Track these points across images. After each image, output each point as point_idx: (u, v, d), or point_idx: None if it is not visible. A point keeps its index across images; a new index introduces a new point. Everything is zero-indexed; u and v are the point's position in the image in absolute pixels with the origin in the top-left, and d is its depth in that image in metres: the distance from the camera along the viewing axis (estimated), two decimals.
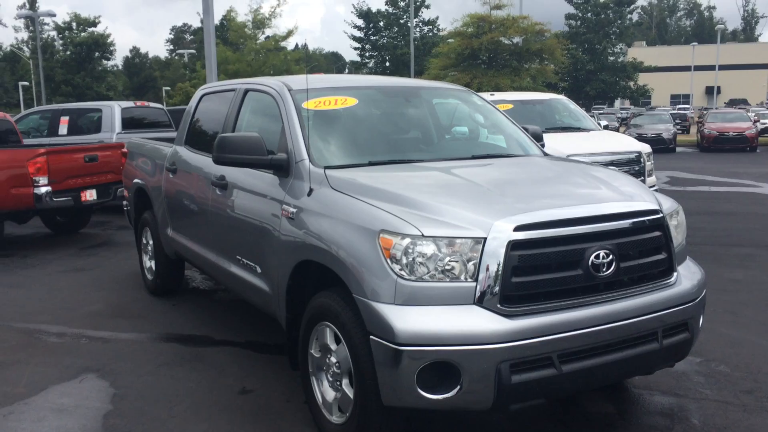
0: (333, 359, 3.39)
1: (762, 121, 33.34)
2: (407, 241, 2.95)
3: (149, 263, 6.49)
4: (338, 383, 3.38)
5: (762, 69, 75.59)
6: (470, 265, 2.94)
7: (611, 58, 51.07)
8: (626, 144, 9.05)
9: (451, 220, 3.04)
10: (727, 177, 16.59)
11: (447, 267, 2.94)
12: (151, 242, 6.34)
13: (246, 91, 4.89)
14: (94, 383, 4.39)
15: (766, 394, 4.05)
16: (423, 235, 2.95)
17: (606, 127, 12.33)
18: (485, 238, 2.95)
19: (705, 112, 36.53)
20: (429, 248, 2.94)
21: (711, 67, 61.11)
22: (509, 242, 2.94)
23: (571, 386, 3.19)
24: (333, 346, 3.38)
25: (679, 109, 52.73)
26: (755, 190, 14.04)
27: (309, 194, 3.67)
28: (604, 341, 3.09)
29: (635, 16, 64.98)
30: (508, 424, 3.78)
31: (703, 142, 27.23)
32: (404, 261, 2.95)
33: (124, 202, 7.18)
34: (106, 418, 3.88)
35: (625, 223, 3.26)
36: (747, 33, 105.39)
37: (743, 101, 61.88)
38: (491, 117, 5.05)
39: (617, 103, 63.97)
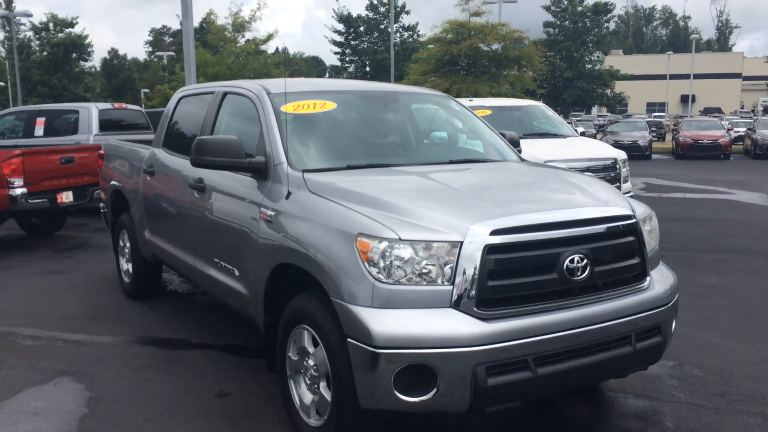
0: (311, 362, 3.40)
1: (735, 129, 33.86)
2: (384, 244, 2.97)
3: (126, 266, 6.45)
4: (316, 386, 3.39)
5: (736, 78, 76.96)
6: (447, 269, 2.97)
7: (588, 66, 51.63)
8: (602, 150, 9.17)
9: (428, 223, 3.07)
10: (701, 184, 16.83)
11: (424, 270, 2.97)
12: (128, 245, 6.29)
13: (224, 94, 4.89)
14: (70, 386, 4.35)
15: (737, 397, 4.13)
16: (400, 239, 2.97)
17: (583, 134, 12.46)
18: (462, 242, 2.98)
19: (680, 120, 37.02)
20: (406, 252, 2.97)
21: (686, 76, 62.03)
22: (485, 246, 2.98)
23: (547, 389, 3.22)
24: (311, 349, 3.39)
25: (655, 116, 53.43)
26: (729, 197, 14.26)
27: (287, 197, 3.68)
28: (579, 344, 3.13)
29: (612, 25, 65.82)
30: (485, 426, 3.80)
31: (678, 149, 27.60)
32: (381, 264, 2.97)
33: (101, 204, 7.12)
34: (82, 421, 3.85)
35: (599, 228, 3.31)
36: (721, 43, 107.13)
37: (717, 110, 62.88)
38: (469, 122, 5.09)
39: (594, 110, 64.63)
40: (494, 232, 3.02)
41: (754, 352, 4.91)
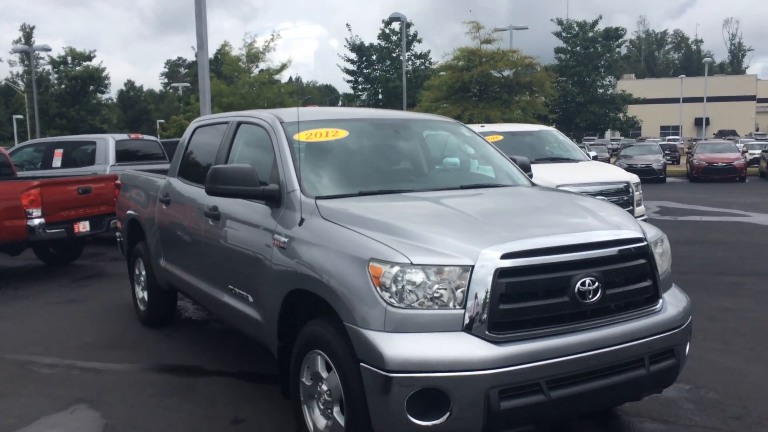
0: (324, 387, 3.42)
1: (751, 151, 33.72)
2: (396, 269, 3.01)
3: (142, 294, 6.51)
4: (329, 411, 3.40)
5: (750, 101, 76.70)
6: (458, 293, 3.00)
7: (600, 91, 51.61)
8: (614, 174, 9.15)
9: (439, 248, 3.10)
10: (716, 207, 16.73)
11: (436, 294, 2.99)
12: (143, 273, 6.36)
13: (239, 124, 4.97)
14: (86, 414, 4.39)
15: (754, 420, 4.09)
16: (412, 263, 3.00)
17: (595, 158, 12.44)
18: (473, 266, 3.00)
19: (694, 143, 36.90)
20: (418, 276, 3.00)
21: (700, 99, 61.98)
22: (496, 270, 3.00)
23: (560, 412, 3.22)
24: (324, 374, 3.40)
25: (669, 140, 53.30)
26: (744, 220, 14.17)
27: (300, 224, 3.72)
28: (592, 367, 3.13)
29: (624, 50, 65.95)
30: None
31: (693, 172, 27.51)
32: (393, 289, 3.00)
33: (117, 234, 7.21)
34: None
35: (610, 251, 3.32)
36: (734, 65, 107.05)
37: (732, 132, 62.64)
38: (479, 148, 5.14)
39: (608, 134, 64.53)
40: (505, 256, 3.04)
41: None
